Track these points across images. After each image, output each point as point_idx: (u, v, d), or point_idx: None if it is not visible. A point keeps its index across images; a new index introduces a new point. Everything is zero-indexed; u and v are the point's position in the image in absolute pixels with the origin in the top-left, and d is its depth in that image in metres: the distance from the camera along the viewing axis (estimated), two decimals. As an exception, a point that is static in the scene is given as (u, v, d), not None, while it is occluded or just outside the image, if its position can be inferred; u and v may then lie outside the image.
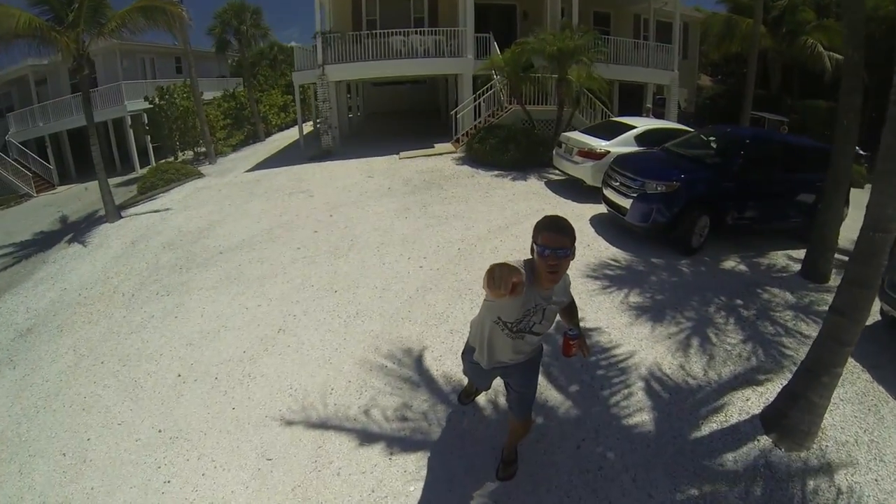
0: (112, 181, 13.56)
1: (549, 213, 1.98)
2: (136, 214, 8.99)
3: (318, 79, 11.39)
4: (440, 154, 10.58)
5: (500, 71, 10.48)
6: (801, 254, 5.93)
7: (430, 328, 4.21)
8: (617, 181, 6.12)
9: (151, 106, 13.34)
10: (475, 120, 11.20)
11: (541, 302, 1.97)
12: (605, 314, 4.44)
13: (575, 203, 7.41)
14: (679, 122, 13.99)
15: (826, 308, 4.77)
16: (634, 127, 7.91)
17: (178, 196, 9.79)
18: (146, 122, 13.78)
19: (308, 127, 15.71)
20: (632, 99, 14.77)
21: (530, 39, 9.73)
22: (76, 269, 6.98)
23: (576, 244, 1.85)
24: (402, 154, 10.63)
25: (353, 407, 3.43)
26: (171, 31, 9.53)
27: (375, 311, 4.52)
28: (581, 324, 4.23)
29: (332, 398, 3.54)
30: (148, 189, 10.38)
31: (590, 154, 7.53)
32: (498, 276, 1.52)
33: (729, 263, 5.71)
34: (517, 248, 5.70)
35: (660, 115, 14.18)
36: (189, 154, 13.54)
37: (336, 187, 8.69)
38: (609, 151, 7.40)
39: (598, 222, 6.60)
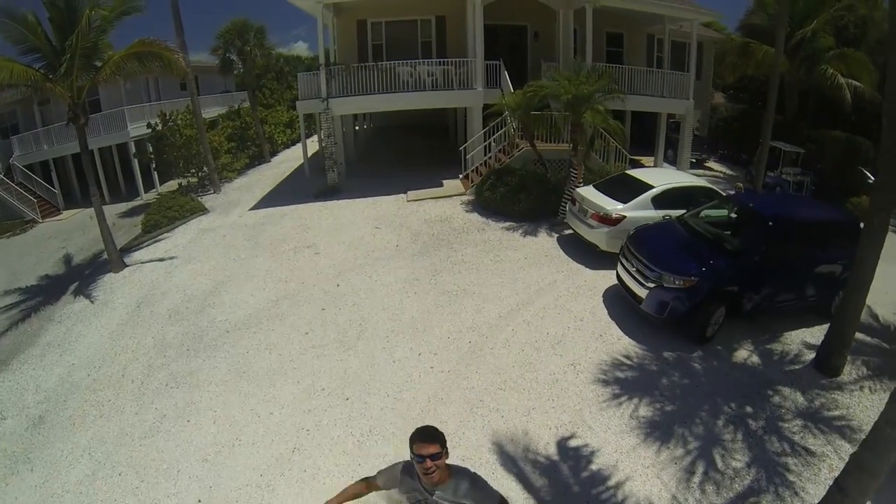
0: (116, 209, 13.56)
1: (561, 283, 1.85)
2: (141, 263, 8.92)
3: (322, 112, 11.17)
4: (449, 196, 10.39)
5: (511, 113, 10.21)
6: (815, 334, 5.86)
7: (443, 457, 4.16)
8: (633, 266, 5.98)
9: (154, 132, 13.17)
10: (486, 155, 10.98)
11: (426, 495, 2.15)
12: (613, 434, 4.42)
13: (588, 269, 7.25)
14: (692, 146, 13.71)
15: (834, 413, 4.81)
16: (652, 187, 7.61)
17: (183, 240, 9.69)
18: (150, 150, 13.62)
19: (312, 144, 15.32)
20: (644, 127, 14.51)
21: (545, 83, 9.45)
22: (83, 334, 6.96)
23: (447, 445, 2.07)
24: (411, 195, 10.46)
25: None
26: (170, 72, 9.29)
27: (388, 429, 4.49)
28: (584, 445, 4.28)
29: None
30: (152, 228, 10.29)
31: (605, 219, 7.32)
32: None
33: (741, 354, 5.64)
34: (529, 342, 5.61)
35: (674, 142, 13.90)
36: (193, 180, 13.37)
37: (342, 242, 8.57)
38: (625, 216, 7.23)
39: (611, 300, 6.47)
